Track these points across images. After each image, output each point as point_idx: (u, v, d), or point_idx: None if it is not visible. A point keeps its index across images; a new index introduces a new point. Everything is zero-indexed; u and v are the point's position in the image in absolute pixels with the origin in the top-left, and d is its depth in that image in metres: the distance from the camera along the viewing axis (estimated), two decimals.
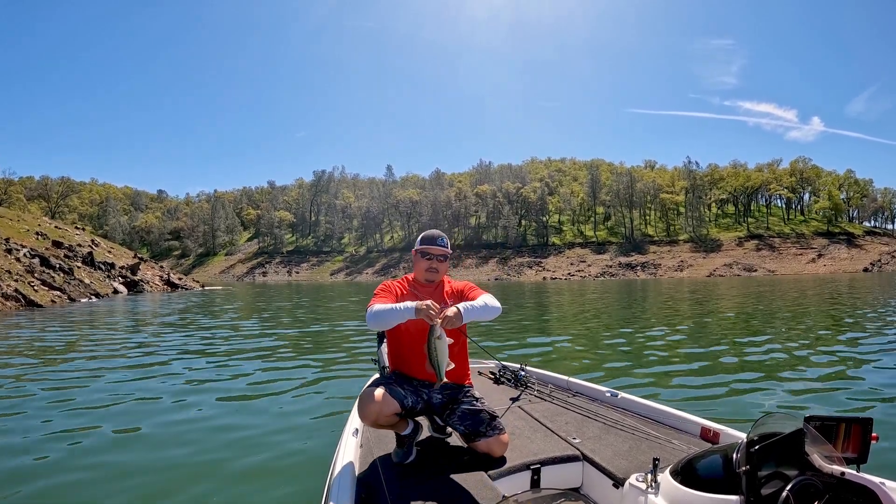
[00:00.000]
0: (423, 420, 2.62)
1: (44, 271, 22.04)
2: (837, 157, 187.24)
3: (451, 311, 2.25)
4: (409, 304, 2.27)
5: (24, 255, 23.18)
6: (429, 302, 2.24)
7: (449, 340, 2.30)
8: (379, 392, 2.33)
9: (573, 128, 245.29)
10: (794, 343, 8.76)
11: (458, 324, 2.26)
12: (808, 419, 1.65)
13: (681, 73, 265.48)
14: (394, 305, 2.32)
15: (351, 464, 2.22)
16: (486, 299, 2.49)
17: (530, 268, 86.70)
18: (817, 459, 1.61)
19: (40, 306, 17.76)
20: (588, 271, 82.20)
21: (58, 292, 20.64)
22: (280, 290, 40.34)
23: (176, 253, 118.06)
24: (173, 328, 12.43)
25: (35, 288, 19.61)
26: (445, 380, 2.34)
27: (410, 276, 2.79)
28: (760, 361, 7.06)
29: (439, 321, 2.22)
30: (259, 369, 7.12)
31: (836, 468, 1.58)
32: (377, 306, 2.38)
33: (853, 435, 1.67)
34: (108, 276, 29.99)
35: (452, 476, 2.20)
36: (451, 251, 2.70)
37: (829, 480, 1.57)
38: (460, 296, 2.67)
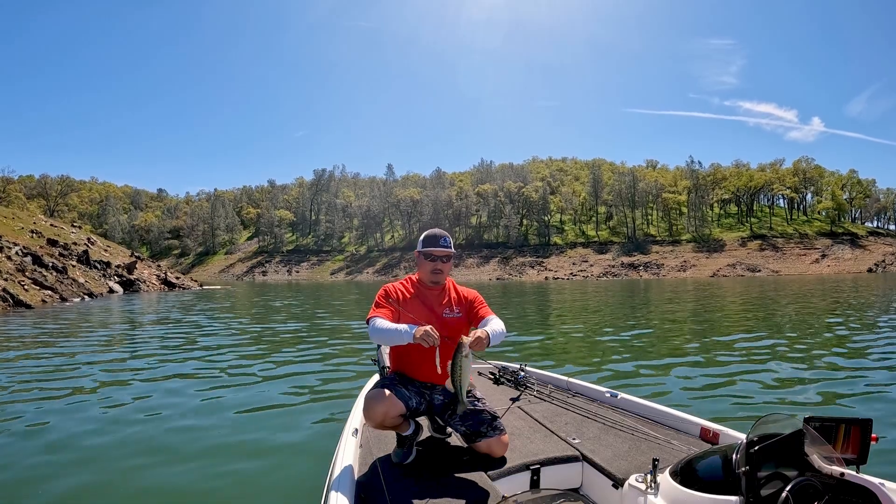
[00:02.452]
0: (423, 420, 2.60)
1: (35, 270, 21.50)
2: (838, 158, 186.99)
3: (481, 333, 2.30)
4: (408, 328, 2.27)
5: (16, 253, 22.65)
6: (428, 328, 2.22)
7: (474, 357, 2.31)
8: (385, 394, 2.32)
9: (573, 128, 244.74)
10: (796, 344, 8.69)
11: (483, 348, 2.27)
12: (807, 420, 1.66)
13: (680, 74, 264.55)
14: (395, 328, 2.32)
15: (351, 464, 2.19)
16: (500, 325, 2.52)
17: (532, 267, 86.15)
18: (817, 460, 1.61)
19: (30, 306, 17.22)
20: (590, 271, 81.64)
21: (49, 291, 20.11)
22: (279, 290, 39.93)
23: (175, 252, 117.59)
24: (167, 327, 12.19)
25: (25, 287, 19.07)
26: (466, 402, 2.36)
27: (415, 276, 2.72)
28: (761, 362, 7.00)
29: (468, 339, 2.24)
30: (257, 370, 7.03)
31: (836, 469, 1.58)
32: (378, 323, 2.38)
33: (853, 436, 1.67)
34: (104, 275, 29.48)
35: (452, 476, 2.20)
36: (454, 251, 2.65)
37: (828, 481, 1.57)
38: (470, 307, 2.65)
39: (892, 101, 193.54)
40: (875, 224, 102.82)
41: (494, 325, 2.46)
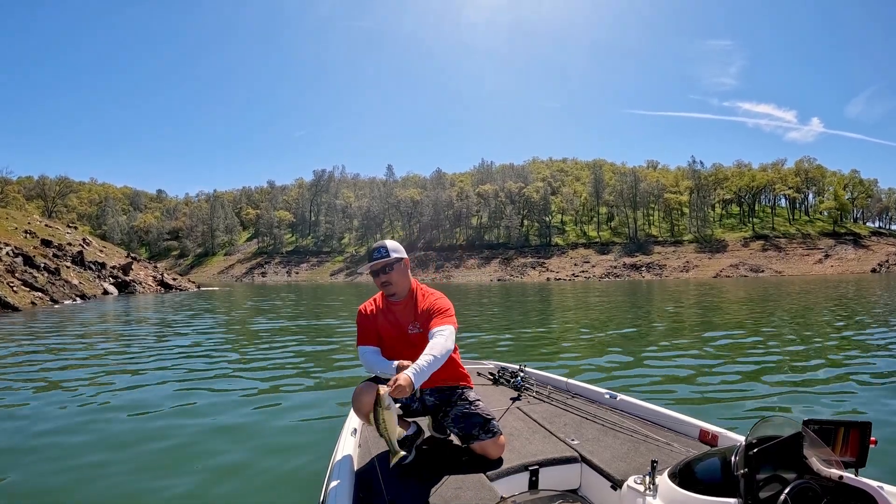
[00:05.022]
0: (423, 421, 2.59)
1: (26, 271, 20.99)
2: (838, 159, 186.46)
3: (402, 379, 2.06)
4: (392, 366, 2.32)
5: (7, 253, 22.13)
6: (403, 382, 2.13)
7: (397, 408, 2.16)
8: (372, 386, 2.30)
9: (573, 129, 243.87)
10: (796, 346, 8.66)
11: (408, 393, 2.07)
12: (806, 423, 1.65)
13: (679, 74, 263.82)
14: (380, 367, 2.39)
15: (349, 464, 2.21)
16: (438, 345, 2.27)
17: (533, 268, 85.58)
18: (816, 463, 1.60)
19: (17, 309, 16.70)
20: (592, 272, 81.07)
21: (39, 293, 19.60)
22: (278, 291, 39.48)
23: (174, 253, 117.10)
24: (159, 328, 11.94)
25: (14, 289, 18.55)
26: (402, 453, 2.13)
27: None
28: (761, 364, 6.96)
29: (385, 390, 2.06)
30: (254, 370, 7.00)
31: (835, 472, 1.58)
32: (366, 356, 2.46)
33: (852, 439, 1.67)
34: (99, 277, 28.99)
35: (451, 477, 2.19)
36: (393, 258, 2.45)
37: (827, 484, 1.57)
38: (427, 318, 2.46)
39: (892, 102, 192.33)
40: (877, 224, 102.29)
41: (431, 349, 2.22)
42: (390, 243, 2.49)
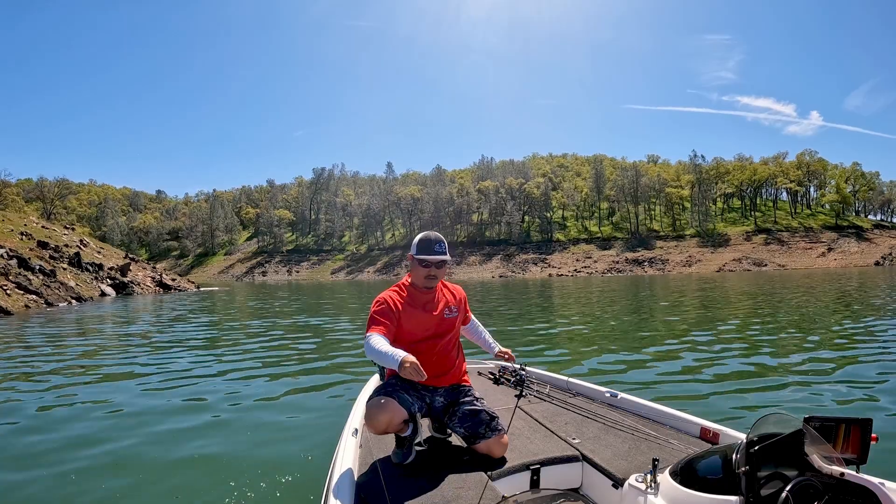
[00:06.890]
0: (422, 420, 2.54)
1: (20, 273, 20.66)
2: (838, 152, 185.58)
3: (509, 355, 2.94)
4: (398, 355, 2.22)
5: (1, 256, 21.82)
6: (416, 363, 2.17)
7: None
8: (388, 401, 2.32)
9: (572, 124, 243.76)
10: (798, 342, 8.54)
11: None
12: (807, 420, 1.66)
13: (678, 69, 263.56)
14: (385, 352, 2.28)
15: (351, 464, 2.21)
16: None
17: (535, 265, 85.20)
18: (817, 460, 1.61)
19: (9, 312, 16.37)
20: (594, 267, 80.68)
21: (34, 296, 19.27)
22: (279, 290, 39.18)
23: (175, 253, 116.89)
24: (156, 329, 11.74)
25: (8, 292, 18.23)
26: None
27: (406, 280, 2.66)
28: (762, 361, 6.89)
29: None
30: (256, 369, 6.98)
31: (836, 469, 1.59)
32: (373, 342, 2.36)
33: (853, 436, 1.67)
34: (96, 278, 28.65)
35: (452, 476, 2.20)
36: (449, 256, 2.58)
37: (828, 481, 1.58)
38: (462, 306, 2.76)
39: (892, 95, 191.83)
40: (879, 217, 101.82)
41: (487, 334, 3.02)
42: (444, 242, 2.64)
